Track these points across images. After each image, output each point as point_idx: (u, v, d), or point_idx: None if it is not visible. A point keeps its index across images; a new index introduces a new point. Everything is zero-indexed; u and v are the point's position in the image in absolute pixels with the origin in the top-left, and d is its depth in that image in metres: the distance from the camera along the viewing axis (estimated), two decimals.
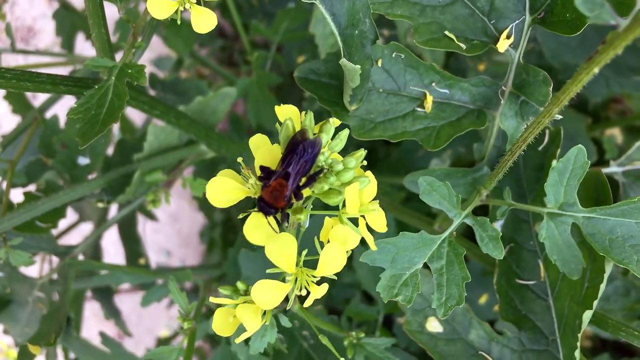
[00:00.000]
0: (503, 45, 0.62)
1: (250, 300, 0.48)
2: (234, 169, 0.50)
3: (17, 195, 0.91)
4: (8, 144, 1.00)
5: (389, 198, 1.18)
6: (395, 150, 1.48)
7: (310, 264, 0.48)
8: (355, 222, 0.49)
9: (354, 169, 0.47)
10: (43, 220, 0.90)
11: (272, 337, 0.55)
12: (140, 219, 1.59)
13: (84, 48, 1.85)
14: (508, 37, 0.62)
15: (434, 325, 0.72)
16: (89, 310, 1.63)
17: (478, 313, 0.78)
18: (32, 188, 0.99)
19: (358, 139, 0.65)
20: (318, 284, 0.48)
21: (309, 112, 0.48)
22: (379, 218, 0.51)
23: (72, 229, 1.28)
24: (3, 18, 1.30)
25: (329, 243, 0.46)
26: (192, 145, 1.02)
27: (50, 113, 1.05)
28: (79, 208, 1.25)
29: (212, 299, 0.51)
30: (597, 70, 0.44)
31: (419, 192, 0.60)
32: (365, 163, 0.49)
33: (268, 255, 0.45)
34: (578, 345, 0.64)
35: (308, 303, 0.48)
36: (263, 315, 0.51)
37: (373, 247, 0.51)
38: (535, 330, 0.71)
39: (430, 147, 0.65)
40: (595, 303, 0.63)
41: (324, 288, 0.47)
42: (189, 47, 1.38)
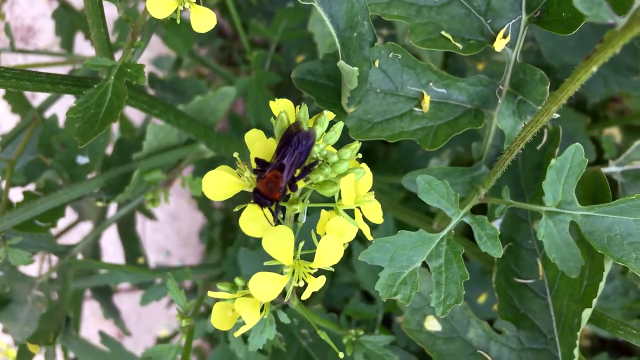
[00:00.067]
0: (500, 45, 0.62)
1: (249, 294, 0.48)
2: (233, 167, 0.50)
3: (16, 195, 0.91)
4: (7, 144, 1.00)
5: (388, 197, 1.18)
6: (395, 150, 1.48)
7: (308, 258, 0.48)
8: (352, 214, 0.50)
9: (349, 161, 0.47)
10: (42, 220, 0.90)
11: (271, 333, 0.56)
12: (140, 219, 1.59)
13: (84, 48, 1.85)
14: (504, 36, 0.62)
15: (433, 324, 0.72)
16: (88, 310, 1.63)
17: (477, 312, 0.78)
18: (31, 187, 0.99)
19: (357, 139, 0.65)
20: (315, 277, 0.48)
21: (304, 105, 0.48)
22: (375, 209, 0.51)
23: (71, 229, 1.28)
24: (2, 17, 1.30)
25: (326, 235, 0.47)
26: (191, 145, 1.02)
27: (50, 112, 1.05)
28: (78, 207, 1.25)
29: (210, 294, 0.51)
30: (595, 69, 0.44)
31: (418, 191, 0.60)
32: (360, 156, 0.50)
33: (265, 248, 0.45)
34: (577, 344, 0.64)
35: (306, 295, 0.48)
36: (261, 310, 0.51)
37: (369, 237, 0.51)
38: (534, 329, 0.71)
39: (428, 147, 0.65)
40: (595, 301, 0.63)
41: (322, 280, 0.48)
42: (188, 46, 1.38)
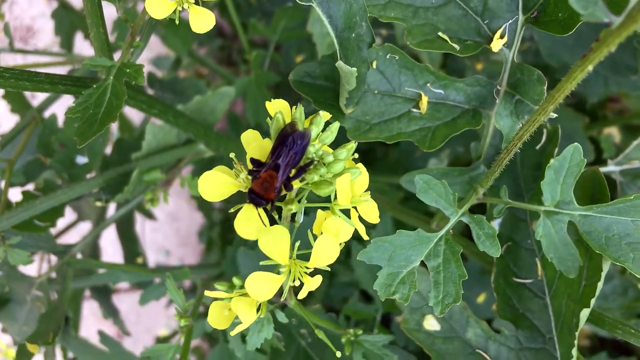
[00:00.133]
0: (497, 45, 0.62)
1: (246, 294, 0.48)
2: (231, 167, 0.50)
3: (15, 195, 0.91)
4: (6, 143, 1.00)
5: (388, 197, 1.18)
6: (394, 151, 1.48)
7: (305, 257, 0.48)
8: (348, 214, 0.50)
9: (345, 161, 0.47)
10: (41, 219, 0.90)
11: (268, 332, 0.56)
12: (139, 218, 1.59)
13: (83, 47, 1.85)
14: (502, 36, 0.62)
15: (432, 324, 0.73)
16: (88, 310, 1.63)
17: (476, 312, 0.78)
18: (30, 187, 0.99)
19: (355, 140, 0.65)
20: (312, 276, 0.48)
21: (300, 105, 0.48)
22: (371, 209, 0.51)
23: (70, 228, 1.28)
24: (2, 17, 1.30)
25: (322, 235, 0.47)
26: (190, 145, 1.02)
27: (49, 112, 1.05)
28: (78, 207, 1.25)
29: (207, 293, 0.51)
30: (591, 68, 0.44)
31: (416, 190, 0.60)
32: (357, 156, 0.50)
33: (261, 247, 0.45)
34: (575, 344, 0.64)
35: (302, 294, 0.48)
36: (258, 309, 0.51)
37: (365, 236, 0.51)
38: (533, 329, 0.71)
39: (426, 147, 0.65)
40: (593, 301, 0.63)
41: (318, 279, 0.48)
42: (188, 46, 1.39)
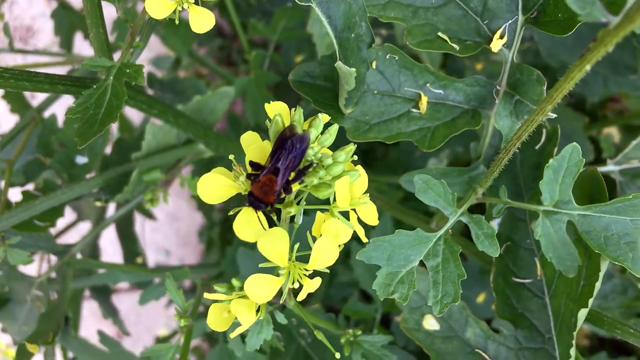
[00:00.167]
0: (496, 45, 0.62)
1: (245, 296, 0.49)
2: (230, 168, 0.51)
3: (15, 195, 0.91)
4: (6, 144, 1.00)
5: (387, 197, 1.18)
6: (393, 150, 1.48)
7: (304, 259, 0.48)
8: (347, 215, 0.50)
9: (344, 163, 0.47)
10: (41, 219, 0.90)
11: (268, 333, 0.56)
12: (139, 218, 1.59)
13: (83, 47, 1.85)
14: (501, 37, 0.62)
15: (431, 323, 0.73)
16: (87, 309, 1.63)
17: (476, 311, 0.78)
18: (30, 187, 0.99)
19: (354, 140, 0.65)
20: (311, 278, 0.48)
21: (299, 107, 0.48)
22: (370, 211, 0.51)
23: (70, 228, 1.28)
24: (2, 17, 1.30)
25: (321, 237, 0.47)
26: (190, 145, 1.02)
27: (49, 112, 1.05)
28: (77, 207, 1.25)
29: (206, 295, 0.51)
30: (589, 68, 0.44)
31: (415, 190, 0.60)
32: (356, 158, 0.50)
33: (260, 250, 0.45)
34: (574, 344, 0.64)
35: (301, 297, 0.48)
36: (257, 311, 0.51)
37: (364, 239, 0.51)
38: (532, 329, 0.71)
39: (426, 147, 0.65)
40: (591, 301, 0.63)
41: (317, 281, 0.48)
42: (187, 46, 1.39)
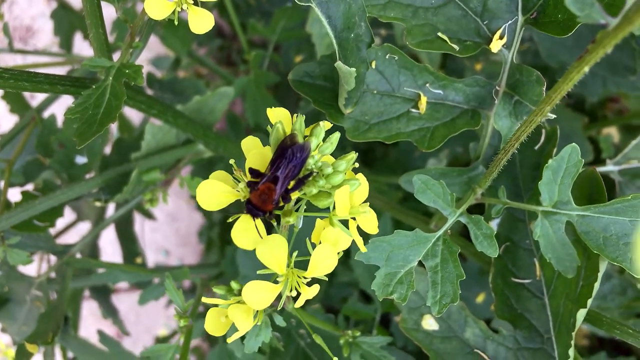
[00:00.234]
0: (496, 46, 0.62)
1: (243, 301, 0.48)
2: (229, 170, 0.50)
3: (15, 195, 0.91)
4: (6, 144, 1.00)
5: (386, 197, 1.18)
6: (393, 150, 1.48)
7: (304, 265, 0.48)
8: (347, 223, 0.49)
9: (344, 172, 0.47)
10: (41, 219, 0.90)
11: (266, 336, 0.55)
12: (139, 218, 1.59)
13: (82, 47, 1.85)
14: (501, 37, 0.62)
15: (430, 323, 0.73)
16: (87, 309, 1.63)
17: (475, 311, 0.78)
18: (29, 187, 0.99)
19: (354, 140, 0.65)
20: (309, 285, 0.48)
21: (300, 115, 0.48)
22: (370, 220, 0.51)
23: (70, 228, 1.28)
24: (1, 18, 1.30)
25: (320, 244, 0.47)
26: (189, 145, 1.02)
27: (48, 112, 1.05)
28: (77, 207, 1.25)
29: (204, 299, 0.51)
30: (587, 69, 0.44)
31: (414, 190, 0.60)
32: (357, 165, 0.49)
33: (259, 257, 0.45)
34: (572, 344, 0.64)
35: (299, 304, 0.48)
36: (255, 316, 0.51)
37: (363, 249, 0.51)
38: (531, 329, 0.71)
39: (425, 147, 0.65)
40: (590, 301, 0.63)
41: (315, 289, 0.47)
42: (187, 46, 1.39)
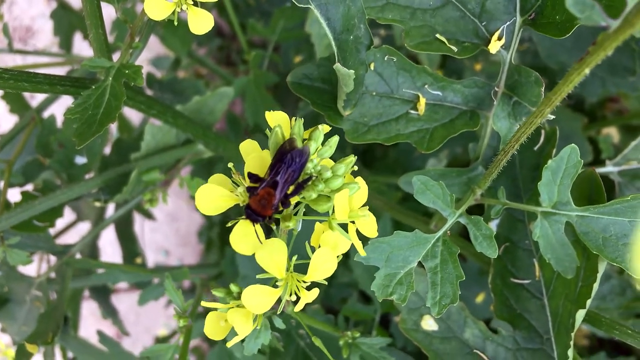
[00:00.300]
0: (494, 47, 0.62)
1: (242, 304, 0.48)
2: (228, 173, 0.50)
3: (14, 195, 0.91)
4: (6, 144, 1.00)
5: (386, 197, 1.18)
6: (393, 151, 1.48)
7: (303, 268, 0.48)
8: (346, 227, 0.49)
9: (343, 176, 0.47)
10: (41, 220, 0.90)
11: (265, 338, 0.55)
12: (138, 219, 1.59)
13: (82, 47, 1.85)
14: (499, 38, 0.62)
15: (429, 324, 0.73)
16: (87, 310, 1.63)
17: (475, 312, 0.78)
18: (29, 187, 0.99)
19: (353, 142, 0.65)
20: (309, 289, 0.48)
21: (299, 119, 0.48)
22: (370, 224, 0.50)
23: (69, 229, 1.28)
24: (1, 18, 1.30)
25: (320, 248, 0.46)
26: (189, 145, 1.02)
27: (48, 113, 1.05)
28: (77, 207, 1.25)
29: (203, 304, 0.51)
30: (588, 71, 0.44)
31: (414, 191, 0.60)
32: (357, 168, 0.49)
33: (258, 261, 0.45)
34: (571, 344, 0.64)
35: (298, 308, 0.48)
36: (255, 320, 0.51)
37: (362, 252, 0.51)
38: (530, 329, 0.71)
39: (424, 149, 0.65)
40: (589, 302, 0.63)
41: (314, 293, 0.47)
42: (187, 47, 1.38)
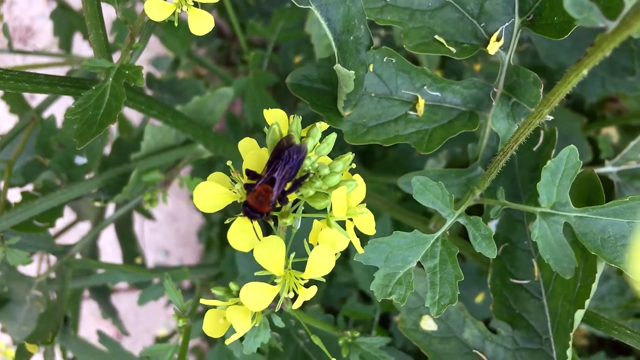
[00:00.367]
0: (493, 48, 0.62)
1: (240, 302, 0.48)
2: (227, 172, 0.50)
3: (14, 195, 0.92)
4: (5, 144, 1.01)
5: (386, 197, 1.18)
6: (392, 151, 1.48)
7: (301, 266, 0.48)
8: (344, 224, 0.49)
9: (341, 173, 0.47)
10: (41, 220, 0.91)
11: (265, 337, 0.55)
12: (138, 219, 1.59)
13: (82, 47, 1.85)
14: (498, 39, 0.62)
15: (429, 324, 0.73)
16: (87, 310, 1.63)
17: (474, 312, 0.78)
18: (29, 188, 0.99)
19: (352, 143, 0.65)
20: (307, 286, 0.48)
21: (296, 117, 0.48)
22: (368, 221, 0.50)
23: (69, 229, 1.28)
24: (1, 18, 1.30)
25: (318, 245, 0.46)
26: (189, 145, 1.02)
27: (48, 113, 1.05)
28: (77, 207, 1.26)
29: (202, 301, 0.51)
30: (586, 72, 0.44)
31: (413, 192, 0.60)
32: (354, 166, 0.49)
33: (257, 258, 0.45)
34: (570, 344, 0.64)
35: (297, 305, 0.48)
36: (254, 317, 0.51)
37: (360, 250, 0.51)
38: (529, 329, 0.71)
39: (423, 150, 0.65)
40: (588, 302, 0.63)
41: (313, 290, 0.47)
42: (186, 47, 1.39)
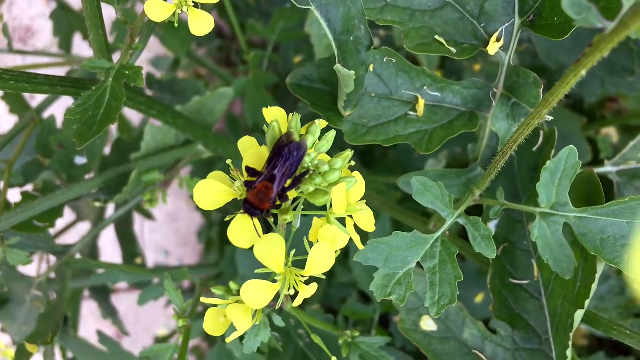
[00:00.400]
0: (493, 48, 0.62)
1: (241, 300, 0.49)
2: (227, 171, 0.50)
3: (14, 195, 0.92)
4: (5, 144, 1.01)
5: (385, 197, 1.18)
6: (392, 151, 1.48)
7: (300, 264, 0.48)
8: (344, 222, 0.49)
9: (341, 170, 0.47)
10: (40, 220, 0.91)
11: (265, 336, 0.56)
12: (138, 219, 1.59)
13: (82, 47, 1.85)
14: (498, 40, 0.62)
15: (428, 324, 0.73)
16: (87, 310, 1.63)
17: (474, 312, 0.78)
18: (29, 188, 0.99)
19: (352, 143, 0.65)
20: (307, 284, 0.48)
21: (296, 114, 0.48)
22: (367, 218, 0.51)
23: (69, 229, 1.28)
24: (1, 18, 1.30)
25: (318, 242, 0.47)
26: (189, 145, 1.02)
27: (48, 113, 1.05)
28: (77, 208, 1.26)
29: (202, 299, 0.51)
30: (584, 73, 0.44)
31: (413, 192, 0.60)
32: (354, 163, 0.49)
33: (257, 255, 0.45)
34: (570, 345, 0.64)
35: (297, 302, 0.48)
36: (254, 316, 0.51)
37: (360, 246, 0.51)
38: (529, 329, 0.71)
39: (423, 150, 0.65)
40: (587, 302, 0.64)
41: (313, 287, 0.47)
42: (186, 47, 1.39)
